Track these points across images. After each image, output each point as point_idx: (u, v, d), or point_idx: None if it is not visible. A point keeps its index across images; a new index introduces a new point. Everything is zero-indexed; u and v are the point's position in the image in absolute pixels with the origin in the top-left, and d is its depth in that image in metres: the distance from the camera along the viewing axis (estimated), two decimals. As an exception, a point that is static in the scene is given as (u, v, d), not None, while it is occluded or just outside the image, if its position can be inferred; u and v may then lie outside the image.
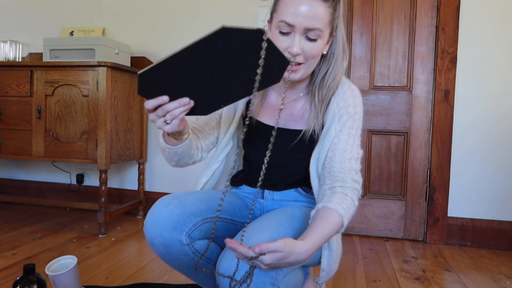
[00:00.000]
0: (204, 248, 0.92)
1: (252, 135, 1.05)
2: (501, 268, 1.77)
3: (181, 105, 0.74)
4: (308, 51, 0.90)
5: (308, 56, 0.91)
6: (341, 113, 0.98)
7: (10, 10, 2.73)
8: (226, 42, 0.65)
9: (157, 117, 0.76)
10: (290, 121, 1.03)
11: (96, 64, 1.96)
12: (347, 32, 2.19)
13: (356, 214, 2.19)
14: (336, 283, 1.54)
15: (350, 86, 1.02)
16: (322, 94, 0.99)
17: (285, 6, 0.89)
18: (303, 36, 0.90)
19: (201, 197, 0.98)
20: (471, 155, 2.06)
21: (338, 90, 1.00)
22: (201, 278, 1.00)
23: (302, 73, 0.94)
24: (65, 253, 1.75)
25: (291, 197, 1.09)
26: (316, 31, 0.89)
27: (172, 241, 0.87)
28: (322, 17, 0.88)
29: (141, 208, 2.42)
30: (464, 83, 2.06)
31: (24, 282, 1.10)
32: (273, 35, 0.93)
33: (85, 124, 2.02)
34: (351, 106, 0.99)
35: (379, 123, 2.15)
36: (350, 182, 0.91)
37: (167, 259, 0.92)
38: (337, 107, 0.99)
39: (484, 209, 2.05)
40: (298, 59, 0.91)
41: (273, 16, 0.95)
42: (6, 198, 2.64)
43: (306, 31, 0.89)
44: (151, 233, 0.88)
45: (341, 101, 0.99)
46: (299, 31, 0.88)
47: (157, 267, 1.63)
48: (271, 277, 0.78)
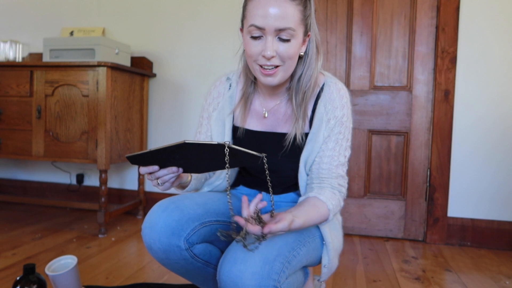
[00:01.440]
0: (203, 251, 0.92)
1: (243, 143, 1.05)
2: (501, 268, 1.77)
3: (170, 172, 0.84)
4: (283, 52, 0.88)
5: (284, 58, 0.89)
6: (328, 117, 0.98)
7: (10, 10, 2.73)
8: (193, 149, 0.77)
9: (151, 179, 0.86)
10: (277, 125, 1.03)
11: (96, 64, 1.96)
12: (347, 32, 2.19)
13: (356, 214, 2.19)
14: (336, 283, 1.54)
15: (337, 85, 1.00)
16: (299, 98, 0.98)
17: (252, 10, 0.87)
18: (275, 37, 0.88)
19: (199, 200, 0.98)
20: (471, 155, 2.06)
21: (325, 91, 0.99)
22: (201, 280, 1.00)
23: (280, 76, 0.92)
24: (65, 253, 1.75)
25: (289, 199, 1.10)
26: (288, 31, 0.87)
27: (171, 247, 0.87)
28: (292, 16, 0.86)
29: (141, 208, 2.42)
30: (464, 83, 2.06)
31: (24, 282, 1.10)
32: (245, 42, 0.92)
33: (85, 124, 2.02)
34: (338, 109, 0.98)
35: (379, 123, 2.15)
36: (337, 186, 0.98)
37: (166, 264, 0.91)
38: (325, 111, 0.98)
39: (484, 209, 2.05)
40: (274, 61, 0.89)
41: (243, 23, 0.93)
42: (6, 198, 2.64)
43: (277, 32, 0.87)
44: (149, 238, 0.88)
45: (328, 104, 0.98)
46: (270, 32, 0.87)
47: (157, 267, 1.63)
48: (273, 279, 0.78)
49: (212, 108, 1.09)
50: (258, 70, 0.92)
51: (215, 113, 1.08)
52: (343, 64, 2.21)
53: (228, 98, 1.08)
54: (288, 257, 0.83)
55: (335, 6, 2.21)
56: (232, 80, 1.10)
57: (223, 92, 1.09)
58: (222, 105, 1.08)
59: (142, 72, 2.30)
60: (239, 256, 0.80)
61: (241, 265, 0.78)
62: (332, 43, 2.21)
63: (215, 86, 1.12)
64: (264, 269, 0.77)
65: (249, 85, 1.05)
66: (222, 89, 1.10)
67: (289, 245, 0.86)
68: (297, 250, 0.87)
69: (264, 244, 0.82)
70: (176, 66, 2.43)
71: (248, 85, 1.05)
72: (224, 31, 2.34)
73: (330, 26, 2.21)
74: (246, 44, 0.92)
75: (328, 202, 0.93)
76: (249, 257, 0.79)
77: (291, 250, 0.85)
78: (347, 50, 2.20)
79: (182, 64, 2.42)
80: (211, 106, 1.10)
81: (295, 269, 0.87)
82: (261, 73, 0.91)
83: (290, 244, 0.86)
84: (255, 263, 0.78)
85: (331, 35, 2.21)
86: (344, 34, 2.20)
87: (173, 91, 2.44)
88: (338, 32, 2.21)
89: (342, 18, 2.20)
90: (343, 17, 2.20)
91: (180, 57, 2.42)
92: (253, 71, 0.95)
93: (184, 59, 2.42)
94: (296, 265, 0.87)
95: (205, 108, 1.12)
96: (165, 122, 2.47)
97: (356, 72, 2.19)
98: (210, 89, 1.13)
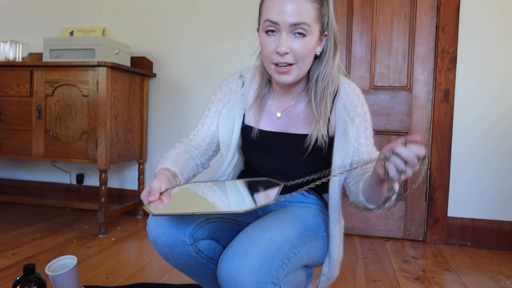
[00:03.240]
0: (208, 248, 0.92)
1: (254, 143, 1.05)
2: (501, 268, 1.77)
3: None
4: (297, 49, 0.88)
5: (298, 56, 0.89)
6: (352, 117, 0.98)
7: (10, 10, 2.73)
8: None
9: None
10: (291, 126, 1.02)
11: (96, 64, 1.96)
12: (347, 32, 2.19)
13: (356, 214, 2.19)
14: (336, 283, 1.54)
15: (351, 86, 1.01)
16: (318, 98, 0.97)
17: (268, 7, 0.88)
18: (290, 34, 0.88)
19: None
20: (471, 155, 2.06)
21: (341, 92, 0.99)
22: (203, 278, 1.00)
23: (295, 74, 0.91)
24: (65, 253, 1.75)
25: (294, 199, 1.09)
26: (303, 26, 0.86)
27: (176, 241, 0.87)
28: (307, 12, 0.86)
29: (141, 208, 2.42)
30: (464, 83, 2.06)
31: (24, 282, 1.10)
32: (261, 41, 0.92)
33: (85, 124, 2.02)
34: (358, 107, 0.98)
35: (379, 123, 2.15)
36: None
37: (170, 259, 0.92)
38: (345, 111, 0.98)
39: (484, 209, 2.05)
40: (287, 58, 0.89)
41: (259, 22, 0.94)
42: (6, 198, 2.64)
43: (292, 27, 0.87)
44: (155, 233, 0.88)
45: (347, 104, 0.98)
46: (284, 28, 0.87)
47: (157, 267, 1.63)
48: (272, 276, 0.78)
49: (223, 105, 1.08)
50: (273, 69, 0.92)
51: (225, 109, 1.07)
52: (343, 64, 2.20)
53: (240, 96, 1.06)
54: (288, 254, 0.83)
55: (335, 6, 2.21)
56: (246, 78, 1.08)
57: (235, 89, 1.07)
58: (233, 102, 1.06)
59: (142, 72, 2.30)
60: (239, 251, 0.80)
61: (240, 261, 0.78)
62: (332, 43, 2.21)
63: (227, 82, 1.10)
64: (263, 265, 0.77)
65: (264, 85, 1.04)
66: (235, 86, 1.08)
67: (290, 243, 0.85)
68: (298, 248, 0.87)
69: (265, 240, 0.82)
70: (176, 66, 2.43)
71: (263, 86, 1.04)
72: (225, 31, 2.34)
73: (330, 26, 2.21)
74: (262, 43, 0.92)
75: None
76: (249, 253, 0.79)
77: (291, 247, 0.85)
78: (347, 50, 2.20)
79: (182, 64, 2.42)
80: (221, 102, 1.08)
81: (295, 267, 0.87)
82: (276, 71, 0.91)
83: (291, 242, 0.86)
84: (254, 259, 0.78)
85: (331, 35, 2.21)
86: (344, 34, 2.20)
87: (173, 91, 2.44)
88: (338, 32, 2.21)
89: (342, 18, 2.20)
90: (343, 17, 2.20)
91: (180, 57, 2.42)
92: (268, 71, 0.95)
93: (184, 59, 2.42)
94: (296, 263, 0.87)
95: (214, 102, 1.10)
96: (165, 122, 2.47)
97: (356, 72, 2.19)
98: (222, 84, 1.11)
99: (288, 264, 0.82)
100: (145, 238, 2.02)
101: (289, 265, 0.83)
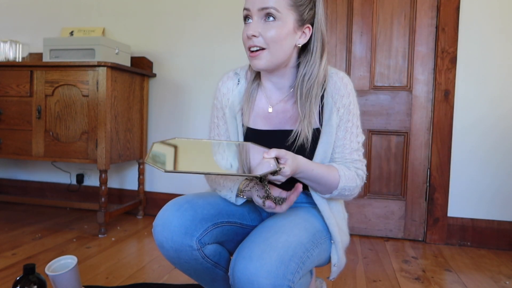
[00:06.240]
0: (214, 252, 0.91)
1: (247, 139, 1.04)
2: (501, 268, 1.77)
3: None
4: (266, 32, 0.90)
5: (267, 39, 0.91)
6: (337, 107, 0.99)
7: (10, 10, 2.73)
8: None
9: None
10: (284, 123, 1.03)
11: (96, 64, 1.96)
12: (347, 32, 2.19)
13: (356, 214, 2.19)
14: (336, 283, 1.54)
15: (338, 75, 1.01)
16: (303, 98, 0.97)
17: None
18: (261, 19, 0.91)
19: (212, 200, 0.97)
20: (471, 155, 2.06)
21: (329, 83, 1.00)
22: (207, 281, 0.99)
23: (266, 60, 0.93)
24: (65, 253, 1.75)
25: (297, 199, 1.09)
26: (270, 10, 0.89)
27: (183, 246, 0.86)
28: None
29: (141, 208, 2.42)
30: (464, 83, 2.06)
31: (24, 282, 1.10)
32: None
33: (85, 124, 2.02)
34: (344, 97, 0.99)
35: (379, 123, 2.15)
36: (352, 168, 1.01)
37: (177, 263, 0.91)
38: (332, 101, 0.99)
39: (484, 209, 2.05)
40: (257, 42, 0.91)
41: None
42: (6, 198, 2.64)
43: (260, 12, 0.90)
44: (161, 237, 0.87)
45: (334, 94, 0.99)
46: (254, 13, 0.91)
47: (157, 267, 1.63)
48: (288, 279, 0.77)
49: (224, 105, 1.07)
50: (248, 55, 0.95)
51: (227, 110, 1.06)
52: (343, 64, 2.21)
53: (237, 94, 1.06)
54: (302, 257, 0.83)
55: (335, 6, 2.21)
56: (240, 75, 1.08)
57: (232, 87, 1.07)
58: (232, 101, 1.06)
59: (142, 72, 2.30)
60: (255, 253, 0.79)
61: (257, 263, 0.77)
62: (332, 43, 2.21)
63: (223, 81, 1.09)
64: (279, 269, 0.77)
65: (252, 80, 1.04)
66: (231, 84, 1.07)
67: (304, 246, 0.85)
68: (311, 251, 0.87)
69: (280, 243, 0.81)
70: (176, 66, 2.43)
71: (252, 80, 1.04)
72: (225, 31, 2.34)
73: (330, 26, 2.21)
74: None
75: (341, 171, 0.97)
76: (266, 255, 0.78)
77: (305, 251, 0.85)
78: (347, 50, 2.20)
79: (182, 64, 2.42)
80: (222, 103, 1.08)
81: (307, 270, 0.87)
82: (249, 56, 0.95)
83: (304, 245, 0.86)
84: (271, 262, 0.77)
85: (331, 35, 2.21)
86: (344, 34, 2.20)
87: (173, 91, 2.44)
88: (338, 32, 2.21)
89: (342, 18, 2.20)
90: (343, 17, 2.20)
91: (180, 57, 2.42)
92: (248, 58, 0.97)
93: (184, 59, 2.42)
94: (309, 266, 0.87)
95: (218, 107, 1.09)
96: (165, 122, 2.47)
97: (356, 72, 2.19)
98: (218, 85, 1.09)
99: (303, 267, 0.82)
100: (145, 238, 2.02)
101: (304, 268, 0.83)
